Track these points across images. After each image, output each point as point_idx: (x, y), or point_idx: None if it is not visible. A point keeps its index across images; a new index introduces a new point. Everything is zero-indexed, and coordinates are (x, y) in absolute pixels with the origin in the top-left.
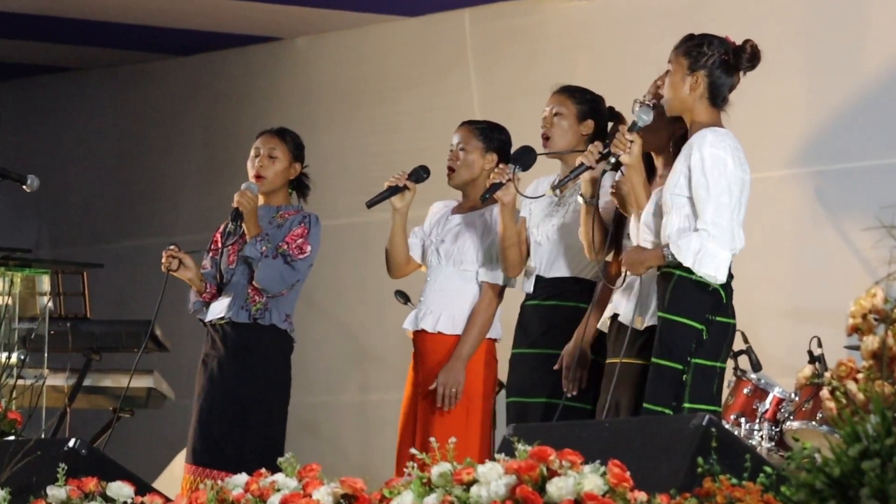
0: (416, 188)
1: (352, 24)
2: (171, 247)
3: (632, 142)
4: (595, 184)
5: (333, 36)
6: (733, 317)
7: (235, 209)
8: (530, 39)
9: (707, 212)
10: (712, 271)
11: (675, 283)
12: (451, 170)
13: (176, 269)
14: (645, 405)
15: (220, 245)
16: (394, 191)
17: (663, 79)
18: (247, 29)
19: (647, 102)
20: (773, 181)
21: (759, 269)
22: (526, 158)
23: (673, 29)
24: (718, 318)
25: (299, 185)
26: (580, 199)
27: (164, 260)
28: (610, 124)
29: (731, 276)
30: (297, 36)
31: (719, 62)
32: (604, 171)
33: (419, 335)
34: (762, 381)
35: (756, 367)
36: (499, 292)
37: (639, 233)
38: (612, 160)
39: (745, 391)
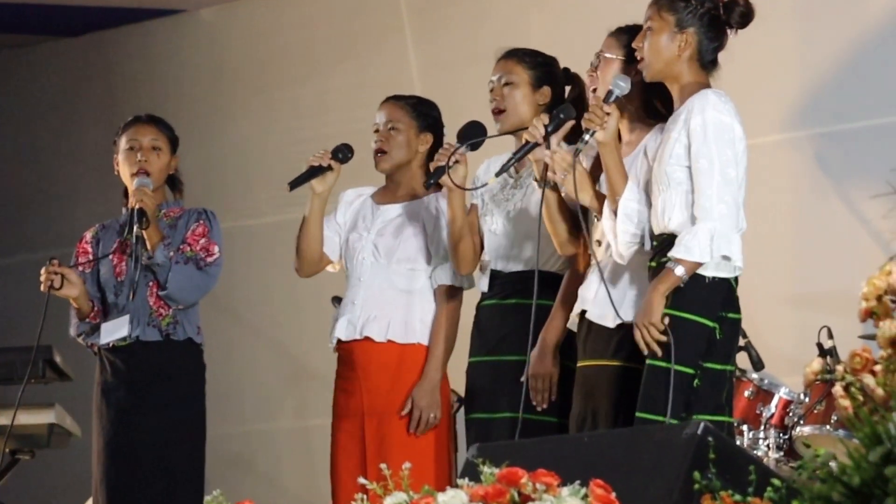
0: (341, 170)
1: None
2: (52, 261)
3: (608, 114)
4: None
5: (244, 5)
6: (740, 311)
7: (140, 210)
8: None
9: (712, 188)
10: (730, 254)
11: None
12: (380, 152)
13: (59, 287)
14: (641, 414)
15: (93, 256)
16: (316, 171)
17: (642, 40)
18: (143, 2)
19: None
20: (766, 148)
21: (755, 250)
22: (475, 136)
23: None
24: (730, 315)
25: (173, 181)
26: (535, 185)
27: (43, 277)
28: (567, 89)
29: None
30: (201, 7)
31: (709, 18)
32: (577, 151)
33: (359, 345)
34: (766, 381)
35: (758, 365)
36: (459, 295)
37: (615, 225)
38: (587, 137)
39: (747, 394)
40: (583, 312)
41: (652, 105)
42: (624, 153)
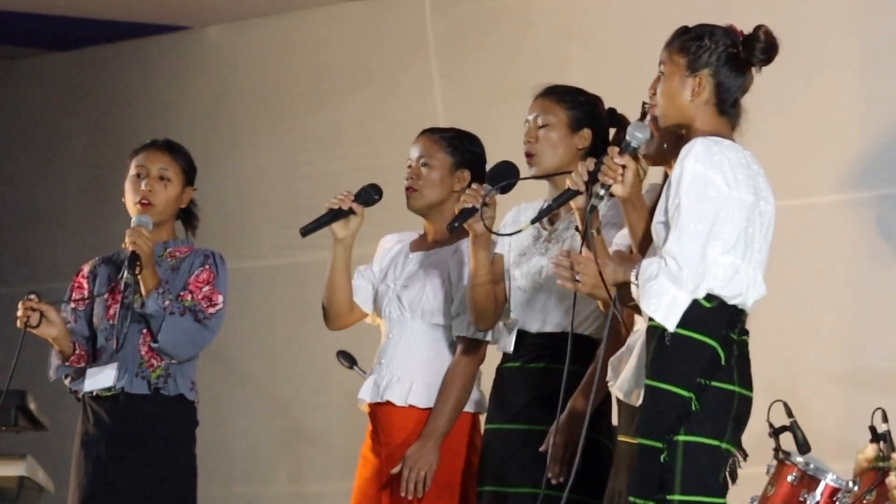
0: (365, 213)
1: (279, 9)
2: (31, 296)
3: (623, 167)
4: (594, 213)
5: (255, 24)
6: (743, 385)
7: (132, 253)
8: (509, 28)
9: (671, 237)
10: (653, 308)
11: (658, 340)
12: (411, 190)
13: (37, 325)
14: (632, 499)
15: (88, 293)
16: (336, 215)
17: (655, 85)
18: (143, 16)
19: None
20: (822, 208)
21: (806, 320)
22: (506, 178)
23: (688, 14)
24: (715, 384)
25: (187, 215)
26: (577, 236)
27: (20, 313)
28: (612, 132)
29: (743, 332)
30: (208, 24)
31: (726, 57)
32: (591, 207)
33: (381, 408)
34: (811, 465)
35: (803, 448)
36: (479, 350)
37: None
38: (601, 192)
39: (790, 479)
40: None
41: None
42: None
